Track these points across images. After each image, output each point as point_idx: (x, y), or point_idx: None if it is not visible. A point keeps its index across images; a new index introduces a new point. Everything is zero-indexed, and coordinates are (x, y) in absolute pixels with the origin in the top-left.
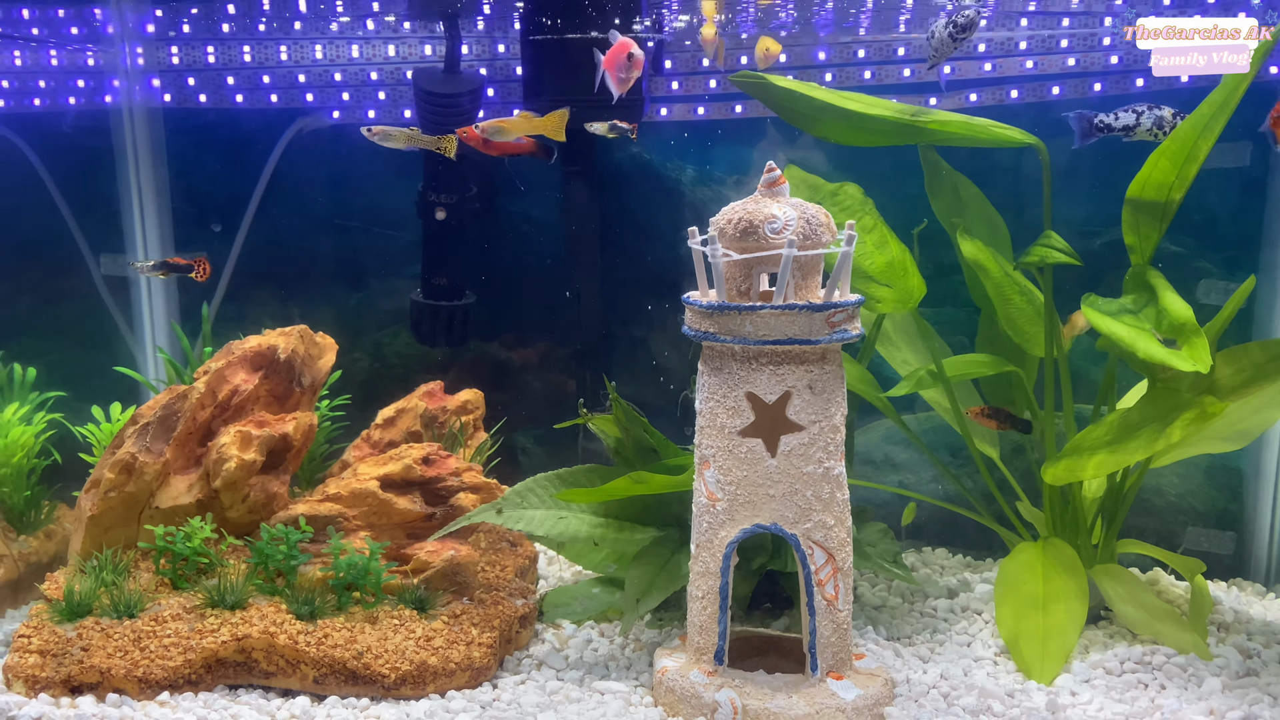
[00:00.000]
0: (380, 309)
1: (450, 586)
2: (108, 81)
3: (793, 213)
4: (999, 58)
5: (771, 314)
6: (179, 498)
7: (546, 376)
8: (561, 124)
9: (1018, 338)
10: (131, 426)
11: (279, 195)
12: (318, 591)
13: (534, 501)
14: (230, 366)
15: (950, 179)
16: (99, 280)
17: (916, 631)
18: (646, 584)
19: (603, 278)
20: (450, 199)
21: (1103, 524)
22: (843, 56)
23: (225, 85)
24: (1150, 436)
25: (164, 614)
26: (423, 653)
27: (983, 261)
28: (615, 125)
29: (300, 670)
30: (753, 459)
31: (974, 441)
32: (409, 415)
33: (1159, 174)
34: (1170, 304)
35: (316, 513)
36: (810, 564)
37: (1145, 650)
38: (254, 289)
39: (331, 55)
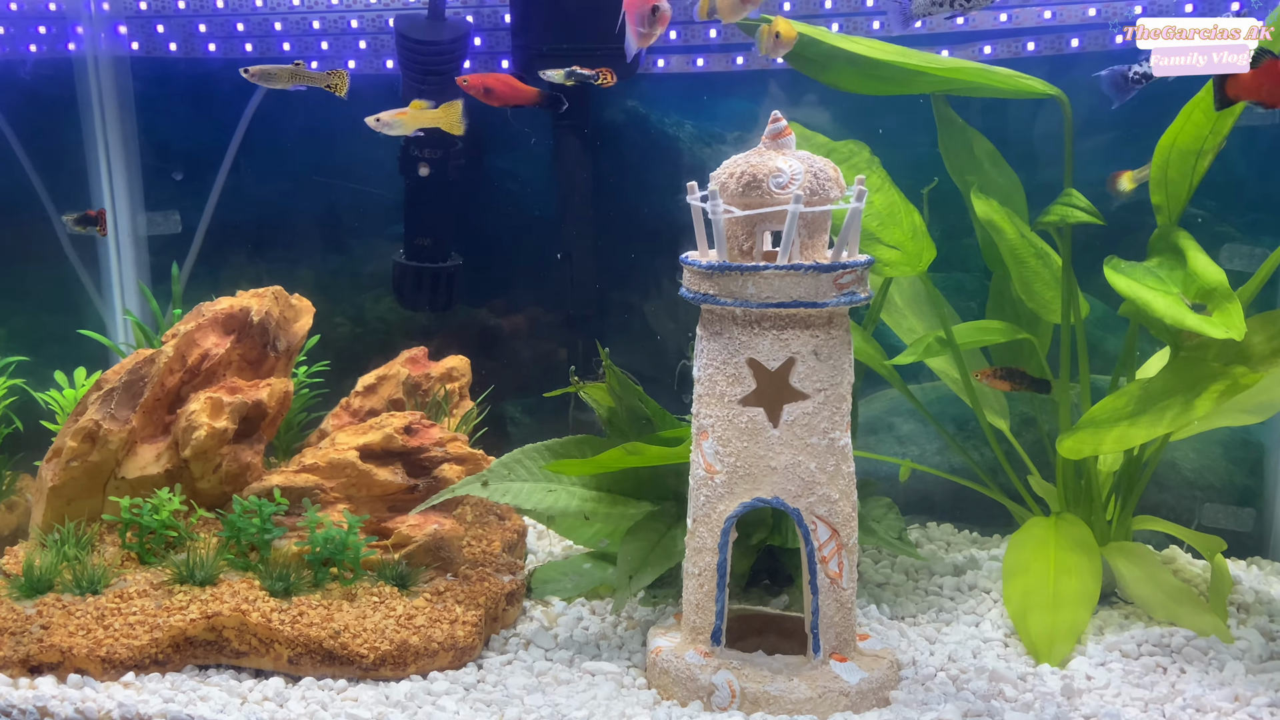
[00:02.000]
0: (361, 271)
1: (433, 562)
2: (70, 28)
3: (799, 166)
4: (1015, 7)
5: (776, 274)
6: (146, 467)
7: (536, 343)
8: (456, 115)
9: (1032, 303)
10: (95, 392)
11: (254, 150)
12: (293, 567)
13: (522, 474)
14: (200, 329)
15: (964, 134)
16: (64, 239)
17: (922, 610)
18: (640, 560)
19: (596, 239)
20: (435, 154)
21: (1118, 500)
22: (850, 5)
23: (196, 33)
24: (1176, 409)
25: (130, 590)
26: (403, 632)
27: (997, 221)
28: (574, 72)
29: (274, 650)
30: (754, 429)
31: (984, 412)
32: (391, 382)
33: (1191, 127)
34: (1201, 267)
35: (292, 484)
36: (813, 540)
37: (1163, 632)
38: (228, 249)
39: (309, 3)
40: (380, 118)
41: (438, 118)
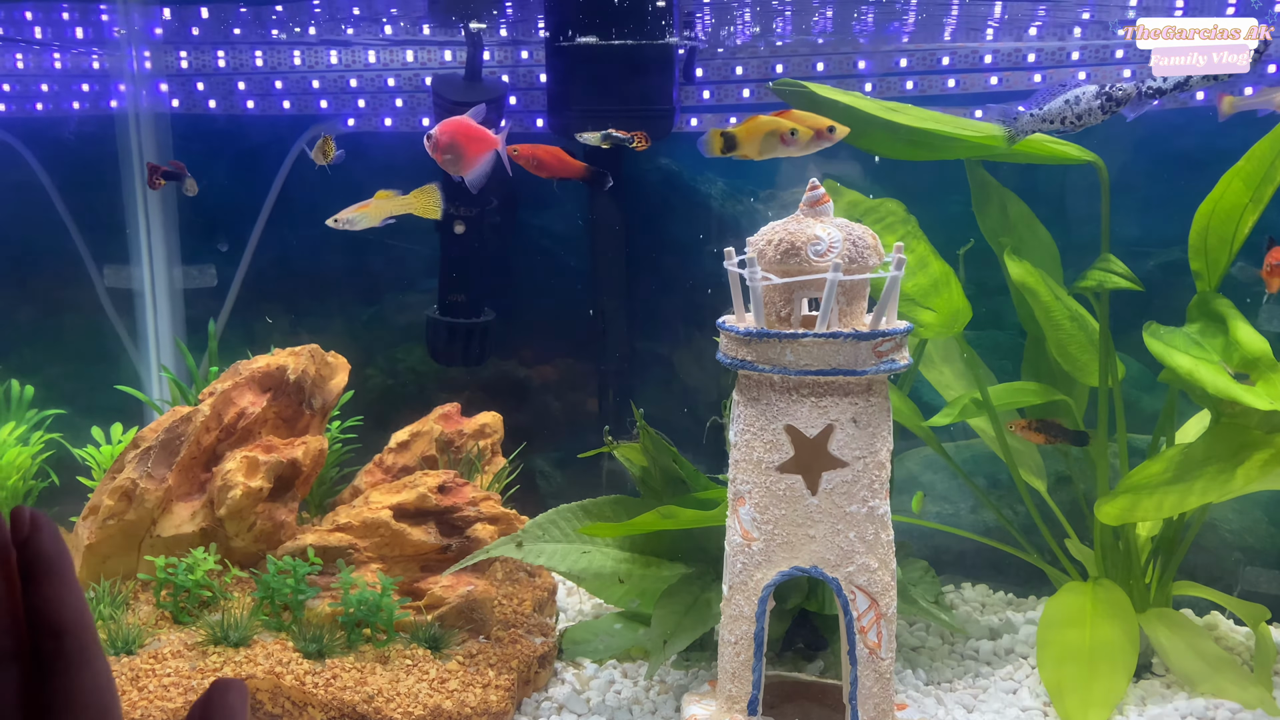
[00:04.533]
0: (395, 324)
1: (466, 624)
2: (113, 85)
3: (838, 234)
4: (1049, 68)
5: (815, 342)
6: (181, 526)
7: (568, 398)
8: (432, 200)
9: (1068, 365)
10: (133, 450)
11: (291, 205)
12: (326, 628)
13: (556, 534)
14: (237, 388)
15: (998, 196)
16: (102, 292)
17: (958, 676)
18: (674, 624)
19: (628, 295)
20: (470, 212)
21: (1156, 565)
22: (883, 66)
23: (235, 90)
24: (1216, 477)
25: (164, 651)
26: (437, 696)
27: (1031, 284)
28: (609, 135)
29: (308, 713)
30: (792, 497)
31: (1019, 471)
32: (424, 439)
33: (1231, 195)
34: (1243, 335)
35: (326, 543)
36: (852, 610)
37: (1207, 704)
38: (263, 303)
39: (347, 60)
40: (339, 217)
41: (409, 204)
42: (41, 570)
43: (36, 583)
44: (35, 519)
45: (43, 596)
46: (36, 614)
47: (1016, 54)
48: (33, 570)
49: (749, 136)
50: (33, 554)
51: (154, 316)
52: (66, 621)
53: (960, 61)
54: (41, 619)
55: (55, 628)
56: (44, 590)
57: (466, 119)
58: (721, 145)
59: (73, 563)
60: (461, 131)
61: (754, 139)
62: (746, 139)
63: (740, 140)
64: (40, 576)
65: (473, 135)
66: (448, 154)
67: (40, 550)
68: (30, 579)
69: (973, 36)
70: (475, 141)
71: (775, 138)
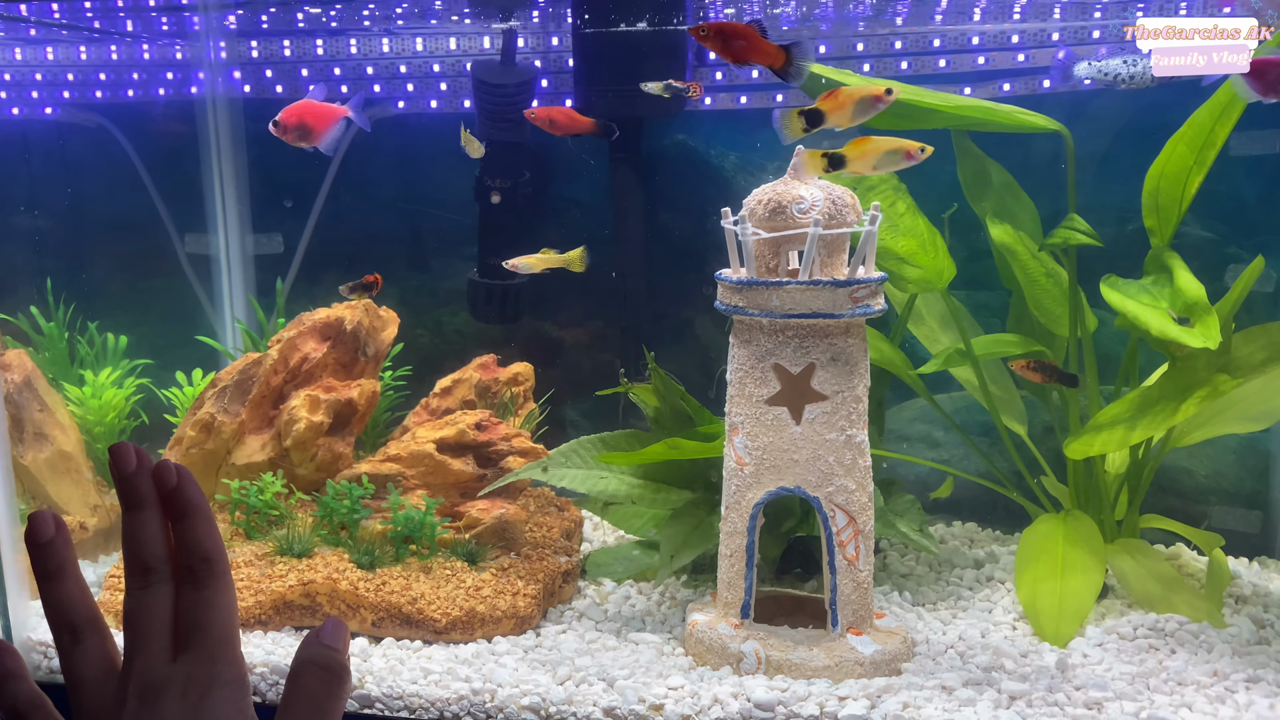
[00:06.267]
0: (441, 288)
1: (499, 542)
2: (193, 74)
3: (819, 194)
4: (1032, 48)
5: (797, 289)
6: (253, 455)
7: (593, 352)
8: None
9: (1044, 318)
10: (211, 389)
11: (348, 180)
12: (377, 543)
13: (577, 461)
14: (301, 336)
15: (981, 164)
16: (183, 258)
17: (941, 599)
18: (680, 541)
19: (647, 258)
20: (505, 184)
21: (1126, 499)
22: (879, 47)
23: (300, 77)
24: (1164, 413)
25: (238, 560)
26: (472, 601)
27: (1010, 245)
28: (670, 85)
29: (360, 614)
30: (779, 426)
31: (1001, 418)
32: (464, 385)
33: (1177, 159)
34: (1184, 282)
35: (378, 472)
36: (832, 526)
37: (1160, 619)
38: (324, 268)
39: (397, 49)
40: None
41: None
42: (191, 511)
43: (189, 521)
44: (179, 471)
45: (193, 531)
46: (187, 545)
47: (1001, 35)
48: (184, 511)
49: (861, 156)
50: (182, 499)
51: (228, 279)
52: (212, 549)
53: (950, 43)
54: (193, 549)
55: (205, 554)
56: (194, 526)
57: (307, 100)
58: (825, 165)
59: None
60: (304, 111)
61: (868, 157)
62: (858, 158)
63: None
64: (190, 516)
65: (316, 111)
66: (296, 134)
67: (187, 495)
68: (181, 518)
69: (960, 20)
70: (319, 117)
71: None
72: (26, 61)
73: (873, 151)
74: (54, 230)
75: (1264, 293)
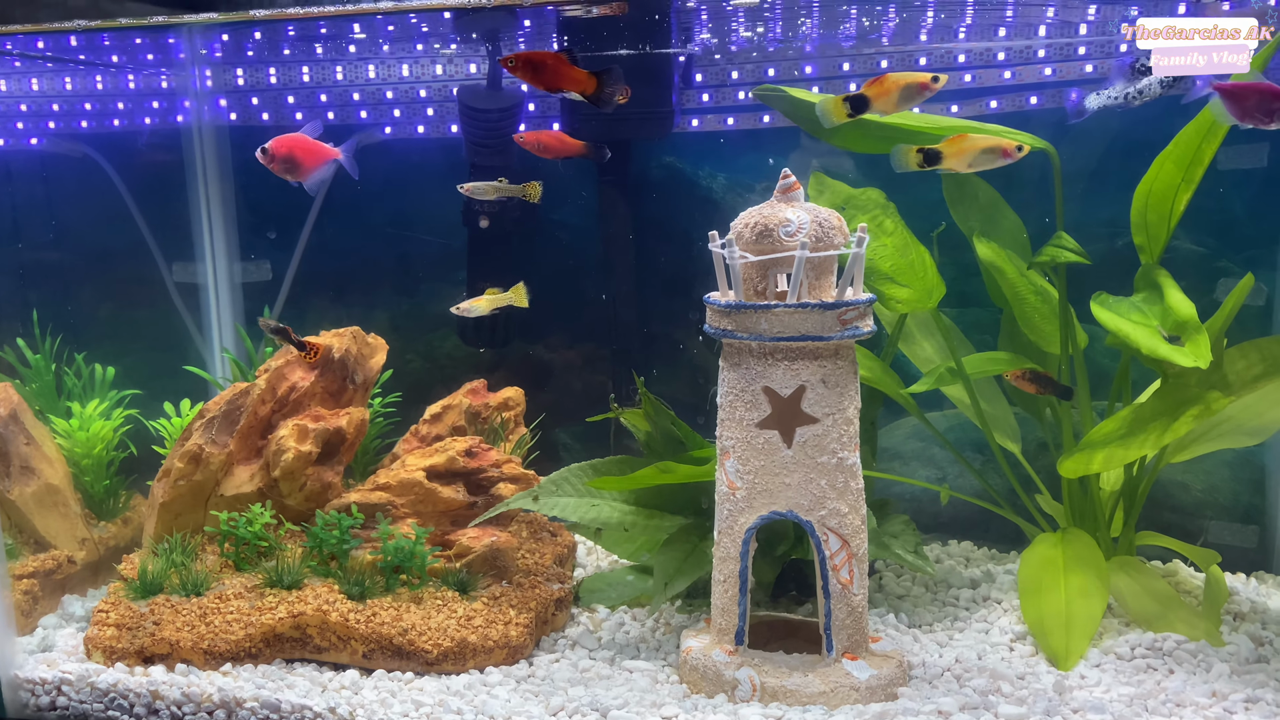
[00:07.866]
0: (430, 313)
1: (490, 570)
2: (179, 102)
3: (806, 216)
4: (1018, 65)
5: (786, 312)
6: (242, 486)
7: (584, 376)
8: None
9: (1034, 336)
10: (199, 420)
11: (336, 206)
12: (367, 573)
13: (568, 490)
14: (289, 365)
15: (969, 183)
16: (171, 287)
17: (937, 619)
18: (674, 568)
19: (636, 281)
20: (493, 208)
21: (1122, 516)
22: (867, 67)
23: (285, 104)
24: (1157, 431)
25: (227, 592)
26: (463, 631)
27: (998, 263)
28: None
29: (350, 645)
30: (770, 449)
31: (994, 436)
32: (454, 411)
33: (1165, 176)
34: (1174, 301)
35: (367, 501)
36: (825, 549)
37: (1158, 638)
38: (313, 295)
39: (383, 74)
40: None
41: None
42: None
43: None
44: None
45: None
46: None
47: (988, 53)
48: None
49: (959, 154)
50: None
51: (216, 307)
52: None
53: (936, 62)
54: None
55: None
56: None
57: (302, 134)
58: (919, 160)
59: None
60: (296, 145)
61: (964, 155)
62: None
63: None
64: None
65: (308, 148)
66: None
67: None
68: None
69: (946, 38)
70: (310, 154)
71: (995, 153)
72: (11, 93)
73: (969, 149)
74: (40, 261)
75: (1255, 306)
